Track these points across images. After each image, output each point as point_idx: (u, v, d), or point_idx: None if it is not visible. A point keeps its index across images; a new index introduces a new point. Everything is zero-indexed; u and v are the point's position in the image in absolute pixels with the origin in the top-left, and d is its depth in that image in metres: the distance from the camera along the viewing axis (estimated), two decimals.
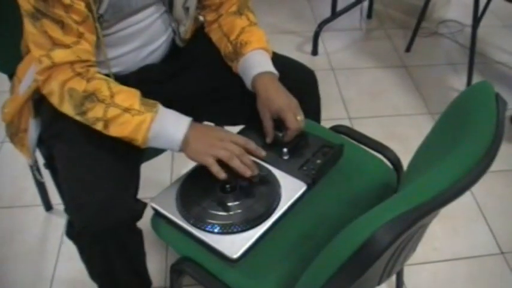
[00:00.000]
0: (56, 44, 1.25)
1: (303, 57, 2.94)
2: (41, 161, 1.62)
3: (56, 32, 1.25)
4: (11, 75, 1.57)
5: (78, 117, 1.28)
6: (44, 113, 1.45)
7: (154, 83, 1.47)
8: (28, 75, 1.44)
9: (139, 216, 1.29)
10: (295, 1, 3.55)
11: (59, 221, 2.06)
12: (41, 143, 1.52)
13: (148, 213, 1.31)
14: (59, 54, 1.26)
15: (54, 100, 1.30)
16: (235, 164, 1.23)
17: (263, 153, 1.28)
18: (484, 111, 1.00)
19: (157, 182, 2.12)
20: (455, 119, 1.09)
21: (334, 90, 2.72)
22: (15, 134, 1.53)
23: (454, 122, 1.08)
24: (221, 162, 1.23)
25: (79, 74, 1.28)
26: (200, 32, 1.60)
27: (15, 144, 1.56)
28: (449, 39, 3.14)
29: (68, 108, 1.29)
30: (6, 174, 2.28)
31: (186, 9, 1.47)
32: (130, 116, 1.24)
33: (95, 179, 1.27)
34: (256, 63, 1.43)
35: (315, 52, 2.98)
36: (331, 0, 3.05)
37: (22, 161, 1.59)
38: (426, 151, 1.17)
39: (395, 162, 1.43)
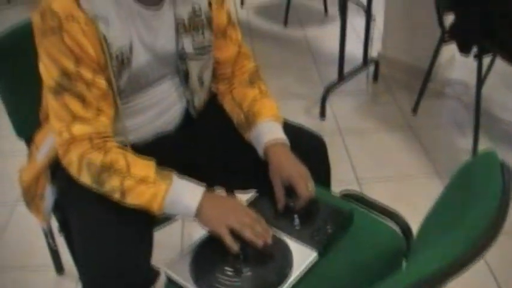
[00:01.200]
0: (76, 117, 1.32)
1: (311, 121, 3.00)
2: (54, 224, 1.65)
3: (76, 107, 1.31)
4: (28, 140, 1.62)
5: (95, 187, 1.33)
6: (60, 180, 1.49)
7: (169, 151, 1.52)
8: (46, 144, 1.49)
9: (152, 282, 1.31)
10: (303, 65, 3.65)
11: (71, 285, 2.07)
12: (56, 208, 1.55)
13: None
14: (79, 128, 1.32)
15: (73, 171, 1.35)
16: (247, 235, 1.26)
17: (269, 240, 1.29)
18: (489, 182, 1.03)
19: (168, 246, 2.14)
20: (461, 190, 1.11)
21: (342, 153, 2.76)
22: (31, 200, 1.57)
23: (461, 192, 1.11)
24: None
25: (97, 147, 1.33)
26: (213, 102, 1.65)
27: (30, 209, 1.60)
28: (455, 99, 3.19)
29: (86, 179, 1.34)
30: (18, 234, 2.30)
31: (201, 80, 1.54)
32: (146, 186, 1.29)
33: (110, 244, 1.31)
34: (267, 133, 1.48)
35: (322, 115, 3.04)
36: (338, 64, 3.12)
37: (35, 222, 1.62)
38: (435, 221, 1.19)
39: (405, 228, 1.45)
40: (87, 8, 1.27)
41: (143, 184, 1.29)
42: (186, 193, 1.31)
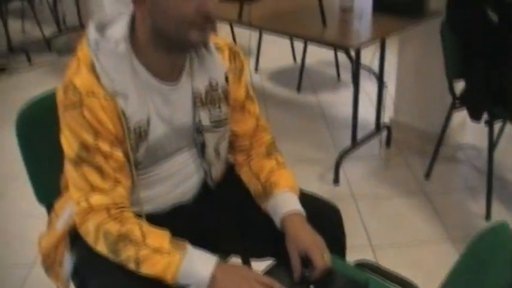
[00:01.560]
0: (94, 188, 1.36)
1: (325, 186, 3.04)
2: None
3: (94, 178, 1.36)
4: (48, 206, 1.66)
5: (111, 257, 1.36)
6: (79, 247, 1.51)
7: (187, 220, 1.55)
8: (66, 212, 1.53)
9: None
10: (316, 131, 3.70)
11: None
12: (75, 274, 1.57)
13: None
14: (96, 199, 1.36)
15: (90, 240, 1.39)
16: None
17: None
18: (501, 254, 1.05)
19: None
20: (474, 261, 1.14)
21: (356, 218, 2.78)
22: (50, 266, 1.60)
23: (474, 263, 1.13)
24: None
25: (113, 217, 1.37)
26: (230, 173, 1.69)
27: (49, 275, 1.62)
28: (467, 163, 3.22)
29: (102, 248, 1.37)
30: None
31: (218, 152, 1.58)
32: (160, 256, 1.32)
33: None
34: (284, 204, 1.52)
35: (336, 181, 3.07)
36: (351, 129, 3.18)
37: (51, 285, 1.65)
38: None
39: None
40: (107, 85, 1.33)
41: (158, 254, 1.32)
42: (199, 264, 1.33)
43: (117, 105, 1.34)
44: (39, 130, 1.62)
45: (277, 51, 4.91)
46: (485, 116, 2.69)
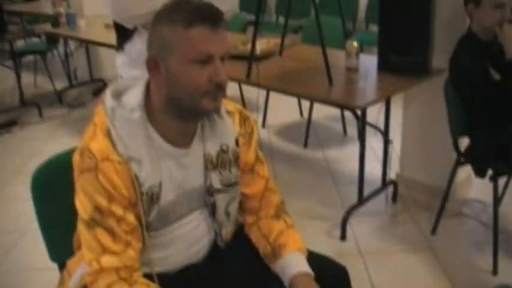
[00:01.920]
0: (105, 250, 1.41)
1: (332, 243, 3.06)
2: None
3: (106, 240, 1.41)
4: (60, 265, 1.70)
5: None
6: None
7: (197, 281, 1.58)
8: (78, 271, 1.57)
9: None
10: (323, 187, 3.74)
11: None
12: None
13: None
14: (107, 260, 1.41)
15: None
16: None
17: None
18: None
19: None
20: None
21: (363, 275, 2.79)
22: None
23: None
24: None
25: (123, 279, 1.41)
26: (240, 233, 1.73)
27: None
28: (473, 218, 3.23)
29: None
30: None
31: (228, 213, 1.63)
32: None
33: None
34: (293, 265, 1.56)
35: (343, 237, 3.09)
36: (357, 186, 3.21)
37: None
38: None
39: None
40: (121, 151, 1.39)
41: None
42: None
43: (131, 170, 1.40)
44: (54, 190, 1.67)
45: (285, 107, 5.00)
46: (489, 172, 2.74)
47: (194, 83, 1.36)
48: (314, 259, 1.61)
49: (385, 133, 3.34)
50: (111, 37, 2.87)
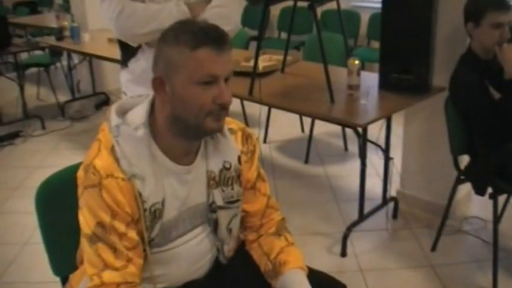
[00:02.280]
0: (107, 265, 1.43)
1: (332, 259, 3.07)
2: None
3: (108, 256, 1.42)
4: (63, 279, 1.72)
5: None
6: None
7: None
8: (81, 286, 1.58)
9: None
10: (324, 203, 3.75)
11: None
12: None
13: None
14: (108, 276, 1.42)
15: None
16: None
17: None
18: None
19: None
20: None
21: None
22: None
23: None
24: None
25: None
26: (242, 250, 1.75)
27: None
28: (473, 236, 3.24)
29: None
30: None
31: (230, 230, 1.65)
32: None
33: None
34: (293, 282, 1.57)
35: (343, 254, 3.10)
36: (358, 203, 3.23)
37: None
38: None
39: None
40: (125, 168, 1.42)
41: None
42: None
43: (134, 187, 1.42)
44: (58, 204, 1.69)
45: (286, 123, 5.03)
46: (489, 190, 2.75)
47: (199, 103, 1.39)
48: (314, 276, 1.63)
49: (386, 150, 3.36)
50: (115, 51, 2.89)
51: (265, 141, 4.83)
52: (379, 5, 3.11)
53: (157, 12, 2.21)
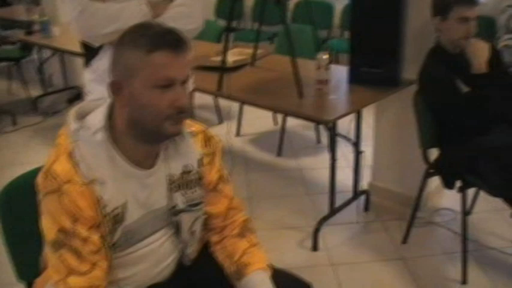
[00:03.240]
0: (71, 271, 1.41)
1: (304, 253, 3.07)
2: None
3: (72, 261, 1.41)
4: (28, 283, 1.70)
5: None
6: None
7: None
8: None
9: None
10: (296, 196, 3.76)
11: None
12: None
13: None
14: (74, 281, 1.41)
15: None
16: None
17: None
18: None
19: None
20: None
21: (334, 285, 2.80)
22: None
23: None
24: None
25: None
26: (205, 251, 1.74)
27: None
28: (444, 227, 3.27)
29: None
30: None
31: (192, 232, 1.64)
32: None
33: None
34: (256, 284, 1.57)
35: (315, 248, 3.11)
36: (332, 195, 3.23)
37: None
38: None
39: None
40: (85, 172, 1.40)
41: None
42: None
43: (94, 192, 1.41)
44: (21, 208, 1.67)
45: (259, 115, 4.98)
46: (459, 183, 2.77)
47: (156, 108, 1.38)
48: (279, 276, 1.63)
49: (356, 144, 3.37)
50: None
51: (238, 135, 4.82)
52: None
53: (119, 12, 2.19)
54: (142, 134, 1.44)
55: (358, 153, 3.38)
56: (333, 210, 3.26)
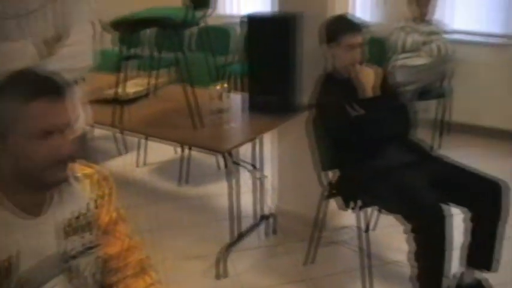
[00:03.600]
0: None
1: (209, 282, 3.05)
2: None
3: None
4: None
5: None
6: None
7: None
8: None
9: None
10: (200, 224, 3.74)
11: None
12: None
13: None
14: None
15: None
16: None
17: None
18: None
19: None
20: None
21: None
22: None
23: None
24: None
25: None
26: None
27: None
28: (347, 245, 3.35)
29: None
30: None
31: (87, 277, 1.60)
32: None
33: None
34: None
35: (221, 276, 3.10)
36: (234, 222, 3.23)
37: None
38: None
39: None
40: None
41: None
42: None
43: None
44: None
45: (161, 144, 4.95)
46: (359, 203, 2.84)
47: (38, 158, 1.36)
48: None
49: (257, 168, 3.41)
50: None
51: (139, 165, 4.76)
52: None
53: (1, 55, 2.12)
54: (28, 182, 1.42)
55: (260, 178, 3.41)
56: (237, 237, 3.26)
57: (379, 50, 5.16)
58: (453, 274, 2.75)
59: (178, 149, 4.58)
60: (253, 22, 3.08)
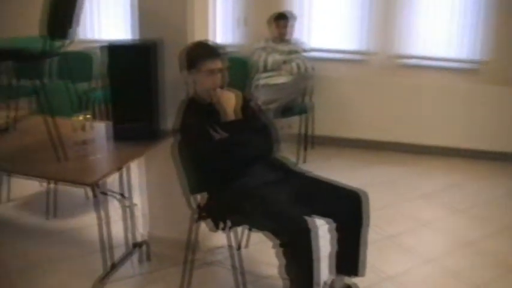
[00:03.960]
0: None
1: None
2: None
3: None
4: None
5: None
6: None
7: None
8: None
9: None
10: (73, 260, 3.60)
11: None
12: None
13: None
14: None
15: None
16: None
17: None
18: None
19: None
20: None
21: None
22: None
23: None
24: None
25: None
26: None
27: None
28: (221, 265, 3.40)
29: None
30: None
31: None
32: None
33: None
34: None
35: None
36: (106, 254, 3.15)
37: None
38: None
39: None
40: None
41: None
42: None
43: None
44: None
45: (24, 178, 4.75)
46: (229, 223, 2.89)
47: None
48: None
49: (128, 196, 3.38)
50: None
51: (8, 200, 4.54)
52: None
53: None
54: None
55: (129, 206, 3.39)
56: (112, 266, 3.20)
57: (241, 70, 5.31)
58: (324, 282, 2.90)
59: (44, 182, 4.42)
60: (114, 50, 3.07)
